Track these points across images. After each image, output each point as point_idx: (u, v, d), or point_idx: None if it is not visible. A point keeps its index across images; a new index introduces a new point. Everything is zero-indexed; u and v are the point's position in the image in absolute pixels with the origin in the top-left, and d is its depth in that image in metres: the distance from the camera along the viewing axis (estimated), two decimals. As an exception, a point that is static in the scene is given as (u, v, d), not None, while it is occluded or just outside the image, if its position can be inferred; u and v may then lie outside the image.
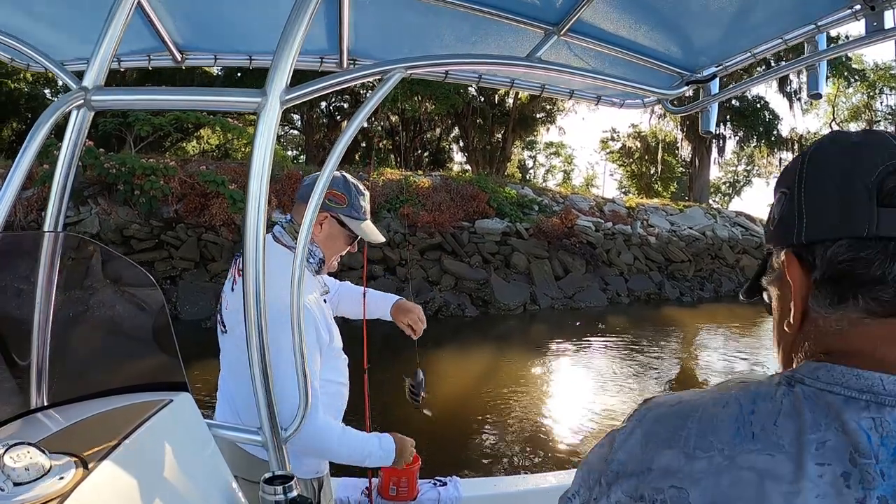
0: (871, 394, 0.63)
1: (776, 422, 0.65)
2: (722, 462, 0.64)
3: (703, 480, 0.64)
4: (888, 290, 0.67)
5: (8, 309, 1.53)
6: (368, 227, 2.29)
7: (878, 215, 0.66)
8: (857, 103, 40.46)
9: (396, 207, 17.85)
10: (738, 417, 0.67)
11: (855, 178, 0.68)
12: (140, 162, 14.75)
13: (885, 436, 0.60)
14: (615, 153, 47.91)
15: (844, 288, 0.69)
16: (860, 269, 0.67)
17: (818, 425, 0.63)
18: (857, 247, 0.67)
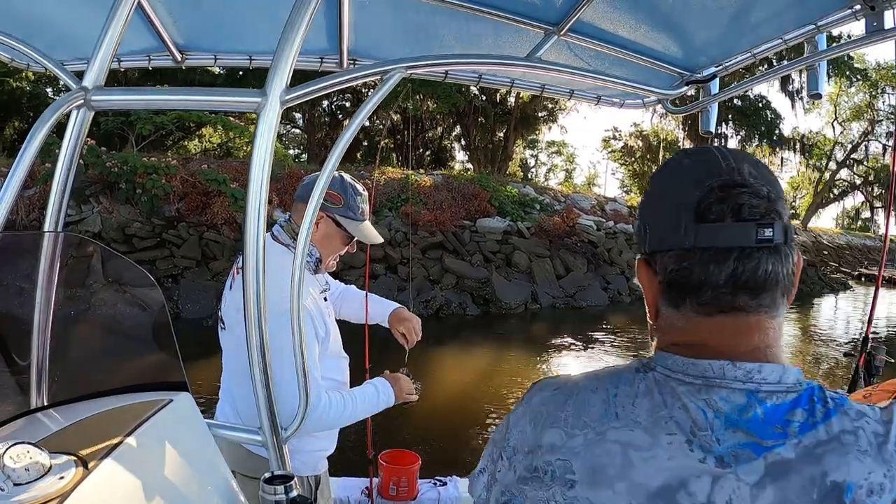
0: (703, 378, 0.80)
1: (634, 402, 0.82)
2: (594, 437, 0.81)
3: (581, 453, 0.81)
4: (706, 294, 0.81)
5: (8, 309, 1.54)
6: (366, 228, 2.29)
7: (697, 231, 0.80)
8: (859, 103, 40.41)
9: (398, 206, 17.85)
10: (605, 400, 0.84)
11: (681, 198, 0.82)
12: (142, 161, 14.77)
13: (717, 411, 0.78)
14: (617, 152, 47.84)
15: (677, 293, 0.84)
16: (684, 277, 0.82)
17: (666, 405, 0.80)
18: (682, 257, 0.82)
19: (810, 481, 0.72)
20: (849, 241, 39.83)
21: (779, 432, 0.75)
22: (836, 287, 25.71)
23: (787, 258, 0.82)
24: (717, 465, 0.75)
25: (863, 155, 42.93)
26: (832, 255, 33.06)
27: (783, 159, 43.01)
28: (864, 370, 3.11)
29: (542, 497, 0.83)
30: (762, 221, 0.79)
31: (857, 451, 0.73)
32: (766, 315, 0.83)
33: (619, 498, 0.77)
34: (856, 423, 0.75)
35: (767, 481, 0.73)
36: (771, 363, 0.81)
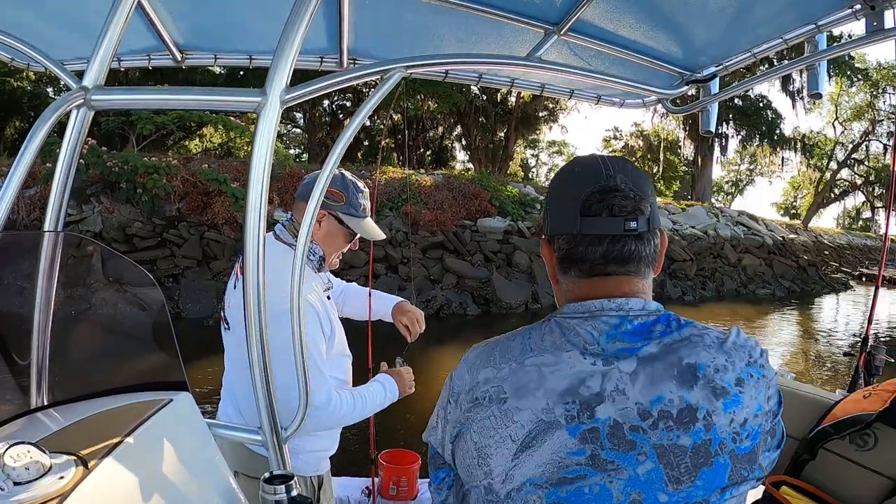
0: (589, 312, 1.10)
1: (542, 339, 1.11)
2: (517, 366, 1.09)
3: (508, 378, 1.09)
4: (586, 265, 1.12)
5: (8, 309, 1.54)
6: (368, 225, 2.30)
7: (580, 221, 1.10)
8: (859, 102, 40.38)
9: (398, 206, 17.84)
10: (522, 342, 1.12)
11: (571, 196, 1.11)
12: (142, 160, 14.76)
13: (599, 331, 1.07)
14: (618, 152, 47.86)
15: (567, 264, 1.14)
16: (573, 254, 1.12)
17: (564, 334, 1.09)
18: (571, 241, 1.12)
19: (670, 364, 1.02)
20: (850, 240, 39.75)
21: (645, 338, 1.06)
22: (836, 287, 25.67)
23: (650, 241, 1.12)
24: (604, 365, 1.04)
25: (864, 155, 42.90)
26: (833, 255, 33.00)
27: (784, 159, 43.01)
28: (863, 370, 3.11)
29: (483, 416, 1.09)
30: (629, 217, 1.08)
31: (703, 346, 1.05)
32: (633, 276, 1.13)
33: (539, 401, 1.04)
34: (702, 331, 1.08)
35: (640, 369, 1.02)
36: (636, 298, 1.11)
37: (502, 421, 1.06)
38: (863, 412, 1.79)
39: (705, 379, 1.01)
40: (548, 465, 1.02)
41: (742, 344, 1.07)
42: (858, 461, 1.75)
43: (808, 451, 1.85)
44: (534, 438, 1.03)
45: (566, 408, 1.02)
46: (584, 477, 1.00)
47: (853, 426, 1.78)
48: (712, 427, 0.99)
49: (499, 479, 1.06)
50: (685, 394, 1.00)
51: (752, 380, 1.03)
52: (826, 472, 1.81)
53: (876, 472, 1.71)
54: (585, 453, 1.00)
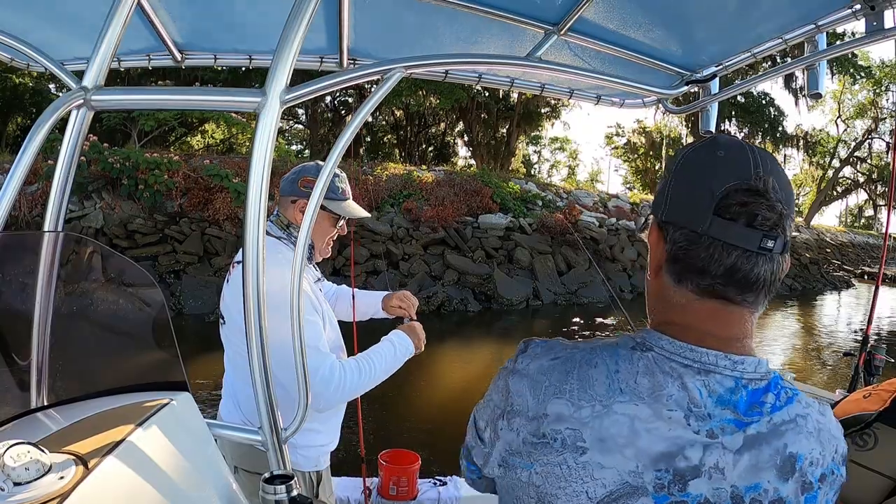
0: (701, 363, 0.91)
1: (636, 380, 0.91)
2: (602, 410, 0.90)
3: (589, 423, 0.90)
4: (706, 279, 0.92)
5: (8, 308, 1.54)
6: (350, 206, 2.35)
7: (711, 220, 0.90)
8: (862, 100, 40.30)
9: (400, 202, 17.85)
10: (608, 376, 0.93)
11: (707, 186, 0.92)
12: (144, 157, 14.79)
13: (711, 391, 0.90)
14: (620, 149, 47.89)
15: (681, 270, 0.95)
16: (690, 258, 0.93)
17: (667, 383, 0.90)
18: (691, 238, 0.92)
19: (776, 451, 0.90)
20: (852, 238, 39.74)
21: (756, 411, 0.91)
22: (838, 285, 25.68)
23: (779, 265, 0.93)
24: (708, 436, 0.88)
25: (866, 153, 42.85)
26: (835, 253, 32.99)
27: (786, 156, 42.96)
28: (863, 370, 3.11)
29: (554, 461, 0.92)
30: (769, 233, 0.90)
31: (805, 432, 0.92)
32: (748, 309, 0.95)
33: (628, 462, 0.88)
34: (805, 410, 0.94)
35: (745, 450, 0.89)
36: (750, 356, 0.94)
37: (579, 475, 0.91)
38: (863, 412, 1.79)
39: (800, 472, 0.91)
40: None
41: (834, 435, 0.97)
42: (858, 461, 1.75)
43: None
44: (615, 500, 0.90)
45: (658, 475, 0.89)
46: None
47: (853, 426, 1.78)
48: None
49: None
50: (780, 486, 0.90)
51: (832, 477, 0.95)
52: None
53: (876, 471, 1.71)
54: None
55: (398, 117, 34.93)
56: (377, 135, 36.59)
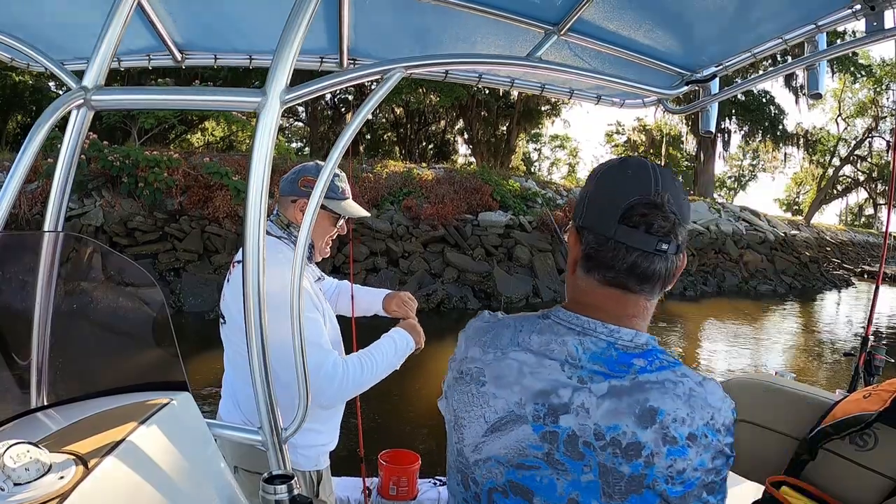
0: (581, 328, 1.17)
1: (531, 337, 1.21)
2: (501, 356, 1.22)
3: (490, 364, 1.23)
4: (611, 273, 1.16)
5: (8, 309, 1.54)
6: (349, 205, 2.36)
7: (617, 228, 1.13)
8: (863, 99, 40.27)
9: (400, 200, 17.85)
10: (513, 334, 1.24)
11: (616, 199, 1.14)
12: (144, 154, 14.78)
13: (585, 349, 1.14)
14: (620, 147, 47.83)
15: (592, 264, 1.18)
16: (600, 256, 1.16)
17: (552, 341, 1.17)
18: (601, 241, 1.16)
19: (636, 402, 1.08)
20: (852, 237, 39.69)
21: (624, 369, 1.12)
22: (838, 284, 25.66)
23: (673, 263, 1.18)
24: (579, 382, 1.12)
25: (866, 151, 42.81)
26: (835, 252, 32.96)
27: (786, 155, 42.98)
28: (863, 370, 3.11)
29: (464, 390, 1.27)
30: (663, 238, 1.13)
31: (673, 395, 1.08)
32: (644, 296, 1.19)
33: (515, 395, 1.17)
34: (679, 379, 1.11)
35: (608, 397, 1.09)
36: (629, 329, 1.17)
37: (479, 401, 1.23)
38: (863, 412, 1.78)
39: (661, 425, 1.07)
40: (511, 450, 1.17)
41: (711, 402, 1.10)
42: (858, 461, 1.75)
43: (808, 451, 1.85)
44: (504, 424, 1.18)
45: (536, 408, 1.15)
46: (538, 468, 1.15)
47: (853, 426, 1.78)
48: (651, 465, 1.07)
49: (469, 448, 1.25)
50: (638, 431, 1.07)
51: (705, 440, 1.08)
52: (826, 472, 1.81)
53: (876, 472, 1.71)
54: (543, 450, 1.14)
55: (398, 115, 34.92)
56: (377, 132, 36.58)
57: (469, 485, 1.27)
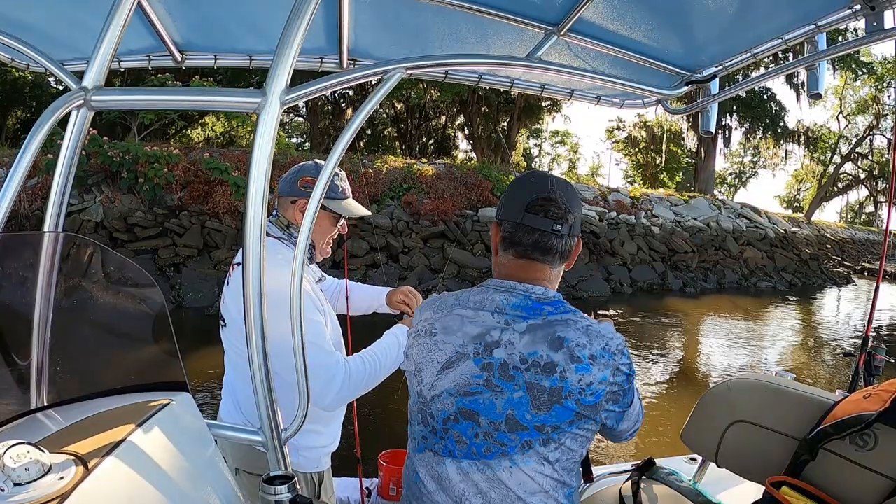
0: (505, 287, 1.56)
1: (469, 298, 1.59)
2: (447, 313, 1.60)
3: (439, 319, 1.61)
4: (520, 248, 1.56)
5: (8, 309, 1.55)
6: (350, 204, 2.35)
7: (523, 215, 1.54)
8: (864, 96, 40.21)
9: (400, 195, 17.84)
10: (456, 298, 1.62)
11: (522, 196, 1.56)
12: (144, 150, 14.77)
13: (509, 301, 1.52)
14: (621, 142, 47.75)
15: (507, 244, 1.59)
16: (511, 237, 1.57)
17: (485, 298, 1.55)
18: (514, 227, 1.56)
19: (547, 334, 1.46)
20: (852, 235, 39.68)
21: (537, 313, 1.50)
22: (838, 281, 25.66)
23: (567, 242, 1.57)
24: (505, 324, 1.50)
25: (867, 149, 42.76)
26: (835, 249, 32.94)
27: (787, 152, 42.94)
28: (863, 370, 3.11)
29: (420, 342, 1.64)
30: (557, 221, 1.53)
31: (574, 328, 1.46)
32: (548, 265, 1.58)
33: (459, 340, 1.55)
34: (578, 318, 1.50)
35: (527, 332, 1.47)
36: (540, 286, 1.55)
37: (432, 348, 1.60)
38: (863, 412, 1.78)
39: (567, 349, 1.43)
40: (458, 382, 1.53)
41: (603, 334, 1.48)
42: (858, 461, 1.75)
43: (808, 451, 1.85)
44: (452, 363, 1.55)
45: (475, 346, 1.52)
46: (480, 393, 1.49)
47: (853, 426, 1.78)
48: (565, 380, 1.43)
49: (426, 387, 1.60)
50: (551, 354, 1.44)
51: (602, 360, 1.44)
52: (826, 472, 1.81)
53: (876, 472, 1.71)
54: (483, 378, 1.49)
55: (399, 110, 34.90)
56: (377, 128, 36.55)
57: (427, 420, 1.61)
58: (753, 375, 2.25)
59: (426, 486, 1.60)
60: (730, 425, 2.12)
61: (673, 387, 9.41)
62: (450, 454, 1.55)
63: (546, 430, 1.45)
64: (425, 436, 1.62)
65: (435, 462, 1.59)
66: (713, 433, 2.17)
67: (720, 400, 2.22)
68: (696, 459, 2.67)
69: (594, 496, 2.32)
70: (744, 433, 2.09)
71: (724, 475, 2.26)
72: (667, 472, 2.36)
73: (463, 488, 1.53)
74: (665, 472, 2.36)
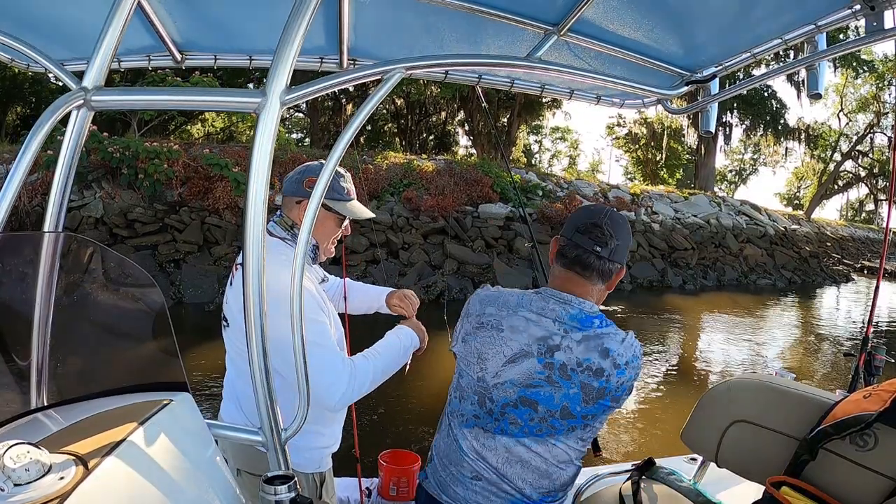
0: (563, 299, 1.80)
1: (532, 303, 1.82)
2: (512, 313, 1.82)
3: (505, 318, 1.82)
4: (565, 260, 1.83)
5: (8, 309, 1.55)
6: (354, 206, 2.33)
7: (574, 234, 1.81)
8: (865, 94, 40.16)
9: (400, 191, 17.83)
10: (518, 300, 1.85)
11: (577, 220, 1.83)
12: (144, 145, 14.74)
13: (567, 312, 1.78)
14: (621, 139, 47.75)
15: (558, 256, 1.85)
16: (563, 251, 1.83)
17: (546, 307, 1.80)
18: (566, 242, 1.82)
19: (597, 345, 1.75)
20: (852, 232, 39.64)
21: (589, 325, 1.78)
22: (838, 279, 25.64)
23: (606, 265, 1.81)
24: (563, 332, 1.76)
25: (867, 147, 42.74)
26: (835, 247, 32.91)
27: (787, 149, 42.90)
28: (863, 370, 3.10)
29: (486, 335, 1.85)
30: (598, 243, 1.78)
31: (615, 341, 1.77)
32: (588, 281, 1.83)
33: (524, 339, 1.79)
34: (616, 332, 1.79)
35: (582, 341, 1.75)
36: (587, 301, 1.82)
37: (498, 342, 1.83)
38: (863, 412, 1.78)
39: (612, 358, 1.76)
40: (522, 374, 1.79)
41: (633, 345, 1.81)
42: (858, 461, 1.75)
43: (808, 451, 1.85)
44: (517, 358, 1.80)
45: (539, 346, 1.78)
46: (541, 386, 1.78)
47: (853, 426, 1.77)
48: (609, 382, 1.76)
49: (490, 374, 1.83)
50: (601, 361, 1.75)
51: (631, 364, 1.80)
52: (826, 472, 1.81)
53: (876, 472, 1.71)
54: (545, 374, 1.77)
55: (399, 106, 34.86)
56: (377, 124, 36.51)
57: (485, 403, 1.85)
58: (753, 375, 2.25)
59: (468, 455, 1.89)
60: (730, 425, 2.12)
61: (672, 386, 9.40)
62: (502, 432, 1.85)
63: (588, 418, 1.81)
64: (478, 415, 1.88)
65: (484, 437, 1.87)
66: (713, 433, 2.17)
67: (720, 400, 2.21)
68: (696, 459, 2.67)
69: (594, 496, 2.32)
70: (744, 433, 2.09)
71: (724, 475, 2.26)
72: (667, 472, 2.36)
73: (507, 457, 1.85)
74: (665, 471, 2.36)
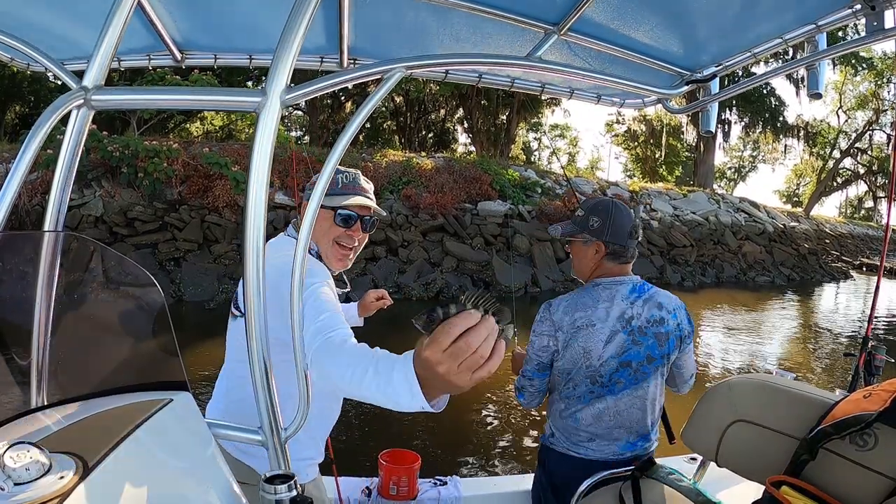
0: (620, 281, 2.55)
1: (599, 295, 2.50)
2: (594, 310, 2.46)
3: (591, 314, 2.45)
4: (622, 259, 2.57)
5: (8, 309, 1.55)
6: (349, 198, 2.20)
7: (627, 240, 2.54)
8: (864, 92, 40.15)
9: (399, 189, 17.83)
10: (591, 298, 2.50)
11: (624, 226, 2.54)
12: (143, 144, 14.75)
13: (627, 288, 2.52)
14: (620, 136, 47.75)
15: (614, 256, 2.55)
16: (619, 252, 2.55)
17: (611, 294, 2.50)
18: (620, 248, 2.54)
19: (654, 302, 2.51)
20: (851, 230, 39.67)
21: (643, 291, 2.53)
22: (837, 276, 25.65)
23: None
24: (630, 304, 2.47)
25: (867, 144, 42.75)
26: (834, 244, 32.96)
27: (787, 146, 42.91)
28: (863, 370, 3.10)
29: (585, 333, 2.41)
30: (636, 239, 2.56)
31: (664, 296, 2.56)
32: (629, 264, 2.58)
33: (610, 323, 2.43)
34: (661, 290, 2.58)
35: (644, 304, 2.49)
36: (635, 276, 2.57)
37: (595, 333, 2.41)
38: (863, 412, 1.78)
39: (665, 308, 2.49)
40: (617, 348, 2.41)
41: (673, 298, 2.54)
42: (858, 461, 1.75)
43: (808, 451, 1.85)
44: (610, 338, 2.41)
45: (620, 323, 2.42)
46: (630, 349, 2.41)
47: (853, 426, 1.77)
48: (667, 326, 2.47)
49: (596, 359, 2.41)
50: (660, 313, 2.47)
51: (678, 309, 2.54)
52: (826, 472, 1.81)
53: (876, 472, 1.71)
54: (630, 340, 2.41)
55: (398, 104, 34.84)
56: (377, 121, 36.50)
57: (597, 380, 2.43)
58: (753, 375, 2.25)
59: (584, 422, 2.46)
60: (730, 425, 2.13)
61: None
62: (610, 392, 2.44)
63: (665, 357, 2.49)
64: (591, 390, 2.45)
65: (597, 402, 2.44)
66: (713, 433, 2.17)
67: (720, 399, 2.22)
68: (696, 459, 2.68)
69: (594, 496, 2.33)
70: (744, 433, 2.10)
71: (724, 475, 2.27)
72: (667, 472, 2.36)
73: (616, 410, 2.44)
74: (665, 471, 2.37)
